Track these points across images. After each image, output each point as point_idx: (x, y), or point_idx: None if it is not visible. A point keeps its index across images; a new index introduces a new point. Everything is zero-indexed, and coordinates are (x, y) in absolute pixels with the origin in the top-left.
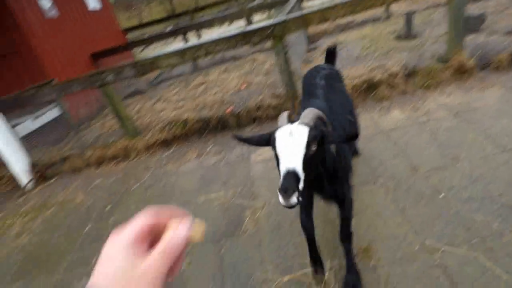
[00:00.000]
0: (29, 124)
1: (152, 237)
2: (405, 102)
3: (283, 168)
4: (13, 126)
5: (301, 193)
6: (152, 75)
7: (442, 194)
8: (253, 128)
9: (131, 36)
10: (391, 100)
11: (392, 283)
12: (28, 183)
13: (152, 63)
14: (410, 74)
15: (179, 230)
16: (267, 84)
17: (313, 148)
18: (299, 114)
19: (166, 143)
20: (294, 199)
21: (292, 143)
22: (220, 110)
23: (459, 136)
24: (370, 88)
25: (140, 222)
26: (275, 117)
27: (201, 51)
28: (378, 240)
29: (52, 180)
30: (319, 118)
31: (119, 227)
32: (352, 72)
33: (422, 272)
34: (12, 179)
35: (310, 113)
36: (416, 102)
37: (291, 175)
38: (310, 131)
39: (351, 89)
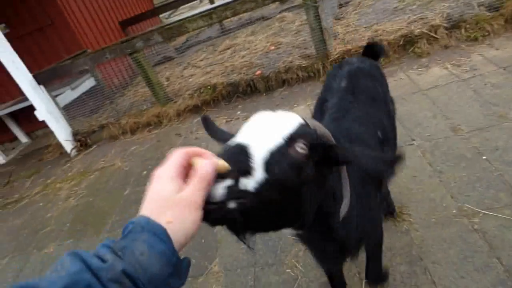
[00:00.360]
0: (68, 95)
1: (185, 172)
2: (446, 58)
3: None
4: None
5: (242, 196)
6: (179, 42)
7: (485, 156)
8: (282, 91)
9: (157, 1)
10: (430, 56)
11: (426, 247)
12: (71, 150)
13: (180, 27)
14: (454, 26)
15: (207, 163)
16: (297, 44)
17: (299, 150)
18: None
19: (196, 109)
20: (219, 189)
21: (265, 126)
22: (249, 73)
23: (508, 92)
24: (407, 43)
25: (175, 160)
26: (305, 79)
27: (228, 11)
28: (412, 203)
29: (93, 148)
30: (323, 136)
31: (159, 166)
32: (388, 27)
33: (458, 237)
34: (58, 147)
35: (314, 122)
36: (459, 57)
37: (237, 151)
38: (302, 125)
39: (386, 46)
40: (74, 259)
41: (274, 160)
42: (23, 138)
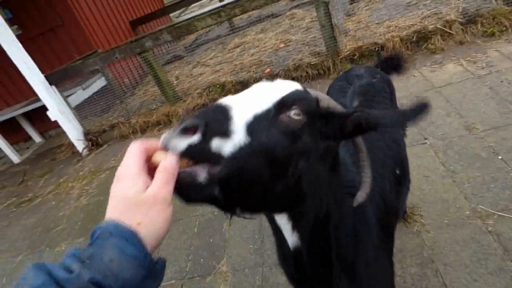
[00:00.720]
0: (79, 95)
1: (147, 166)
2: (461, 54)
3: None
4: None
5: (212, 158)
6: (188, 41)
7: (500, 156)
8: None
9: (167, 0)
10: (445, 52)
11: (438, 249)
12: (83, 150)
13: (189, 25)
14: (470, 21)
15: (169, 157)
16: (307, 41)
17: (294, 116)
18: None
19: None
20: (183, 141)
21: (256, 92)
22: (258, 71)
23: None
24: (421, 39)
25: (136, 155)
26: (315, 77)
27: (237, 9)
28: (424, 203)
29: (103, 147)
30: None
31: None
32: (400, 23)
33: (471, 239)
34: (70, 146)
35: (317, 92)
36: (474, 53)
37: (215, 110)
38: (299, 91)
39: (399, 43)
40: (38, 272)
41: (261, 124)
42: (37, 138)
